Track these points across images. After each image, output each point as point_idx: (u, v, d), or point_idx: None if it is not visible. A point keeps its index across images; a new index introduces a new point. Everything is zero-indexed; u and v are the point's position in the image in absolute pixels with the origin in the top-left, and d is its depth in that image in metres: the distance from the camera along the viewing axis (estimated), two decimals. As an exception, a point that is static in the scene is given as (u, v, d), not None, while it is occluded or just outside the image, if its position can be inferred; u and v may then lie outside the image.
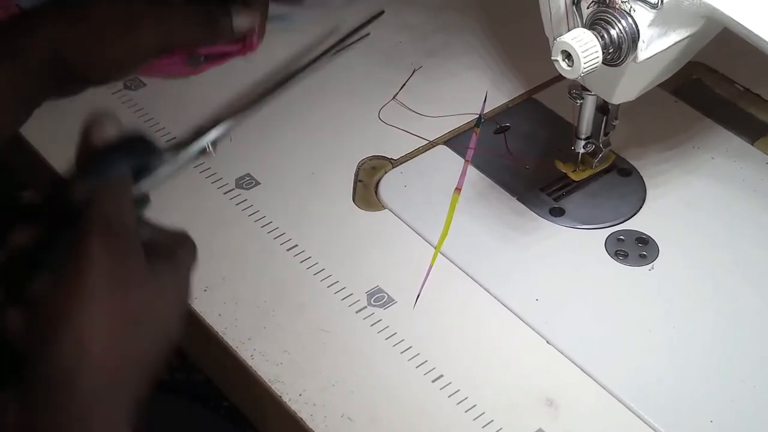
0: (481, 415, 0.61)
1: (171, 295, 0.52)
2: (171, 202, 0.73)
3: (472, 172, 0.75)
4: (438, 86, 0.83)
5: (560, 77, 0.59)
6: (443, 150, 0.78)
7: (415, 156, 0.77)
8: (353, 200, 0.74)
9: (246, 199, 0.74)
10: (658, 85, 0.68)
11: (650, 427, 0.61)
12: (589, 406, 0.62)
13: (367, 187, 0.75)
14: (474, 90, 0.83)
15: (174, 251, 0.54)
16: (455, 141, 0.78)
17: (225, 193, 0.74)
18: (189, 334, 0.69)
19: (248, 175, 0.75)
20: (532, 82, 0.83)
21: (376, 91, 0.82)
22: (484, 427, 0.60)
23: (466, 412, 0.61)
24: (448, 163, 0.76)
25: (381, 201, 0.74)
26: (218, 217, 0.72)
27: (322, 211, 0.73)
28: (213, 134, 0.57)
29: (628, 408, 0.62)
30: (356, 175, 0.76)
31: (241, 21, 0.76)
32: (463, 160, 0.76)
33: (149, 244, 0.51)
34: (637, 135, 0.77)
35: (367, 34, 0.70)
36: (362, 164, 0.76)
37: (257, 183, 0.75)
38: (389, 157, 0.77)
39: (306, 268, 0.69)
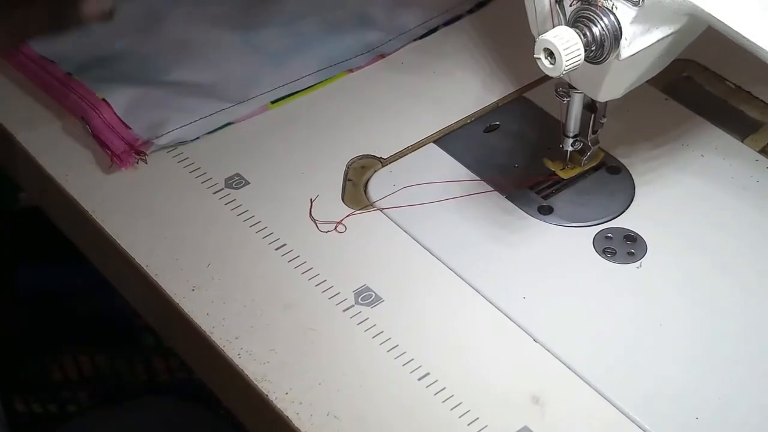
0: (466, 412, 0.61)
1: None
2: (159, 201, 0.74)
3: (461, 170, 0.76)
4: (428, 85, 0.83)
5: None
6: (433, 149, 0.78)
7: (405, 155, 0.77)
8: (342, 199, 0.74)
9: (235, 199, 0.74)
10: (647, 83, 0.68)
11: (636, 424, 0.61)
12: (576, 404, 0.62)
13: (356, 186, 0.75)
14: (465, 89, 0.83)
15: None
16: (445, 140, 0.78)
17: (214, 192, 0.74)
18: (178, 334, 0.70)
19: (237, 174, 0.75)
20: (523, 80, 0.83)
21: (366, 90, 0.82)
22: (469, 424, 0.61)
23: (451, 409, 0.61)
24: (438, 162, 0.77)
25: (370, 200, 0.74)
26: (207, 217, 0.72)
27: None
28: None
29: (614, 405, 0.62)
30: (345, 174, 0.76)
31: (90, 8, 0.74)
32: (453, 160, 0.76)
33: None
34: (626, 132, 0.77)
35: None
36: (351, 163, 0.77)
37: (246, 183, 0.75)
38: (379, 156, 0.77)
39: (294, 267, 0.69)
